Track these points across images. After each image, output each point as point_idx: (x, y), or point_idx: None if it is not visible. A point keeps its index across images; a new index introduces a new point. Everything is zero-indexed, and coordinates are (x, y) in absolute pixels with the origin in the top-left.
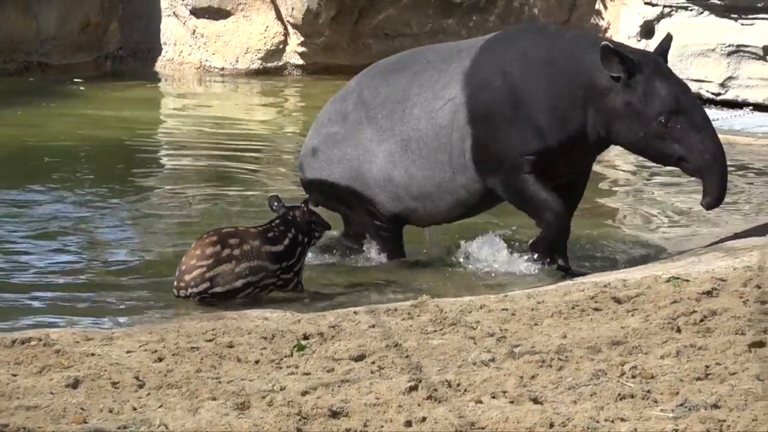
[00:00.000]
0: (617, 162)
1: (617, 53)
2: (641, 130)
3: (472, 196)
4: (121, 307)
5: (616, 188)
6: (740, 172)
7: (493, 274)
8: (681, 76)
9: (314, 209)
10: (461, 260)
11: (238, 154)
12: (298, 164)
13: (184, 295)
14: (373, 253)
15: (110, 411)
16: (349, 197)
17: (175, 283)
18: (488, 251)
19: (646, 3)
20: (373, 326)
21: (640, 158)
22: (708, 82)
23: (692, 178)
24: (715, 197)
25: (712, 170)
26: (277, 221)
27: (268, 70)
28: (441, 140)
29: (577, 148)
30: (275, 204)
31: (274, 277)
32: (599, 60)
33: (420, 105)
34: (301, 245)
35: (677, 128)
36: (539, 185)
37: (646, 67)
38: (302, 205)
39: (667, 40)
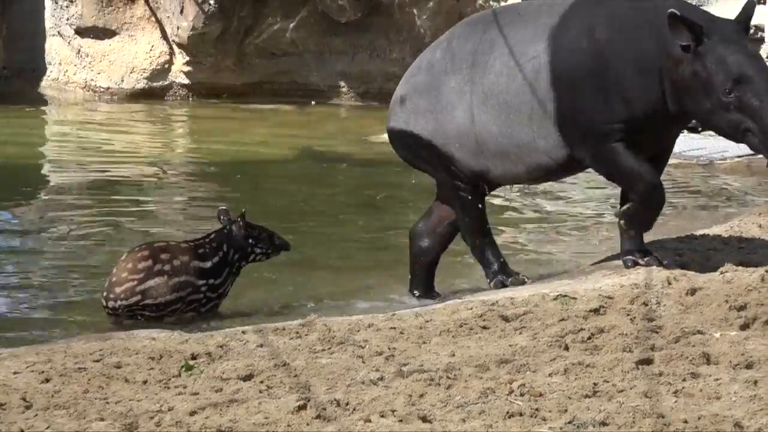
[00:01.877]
0: None
1: (685, 20)
2: (708, 101)
3: (553, 162)
4: (7, 327)
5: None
6: None
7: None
8: None
9: (260, 225)
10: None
11: (124, 174)
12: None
13: (113, 306)
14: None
15: None
16: (430, 152)
17: (105, 294)
18: None
19: None
20: (261, 346)
21: None
22: None
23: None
24: None
25: None
26: (212, 236)
27: (154, 90)
28: (522, 98)
29: (660, 120)
30: (222, 217)
31: (199, 293)
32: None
33: (503, 59)
34: (230, 265)
35: (741, 97)
36: (629, 154)
37: (714, 34)
38: (238, 218)
39: (750, 5)
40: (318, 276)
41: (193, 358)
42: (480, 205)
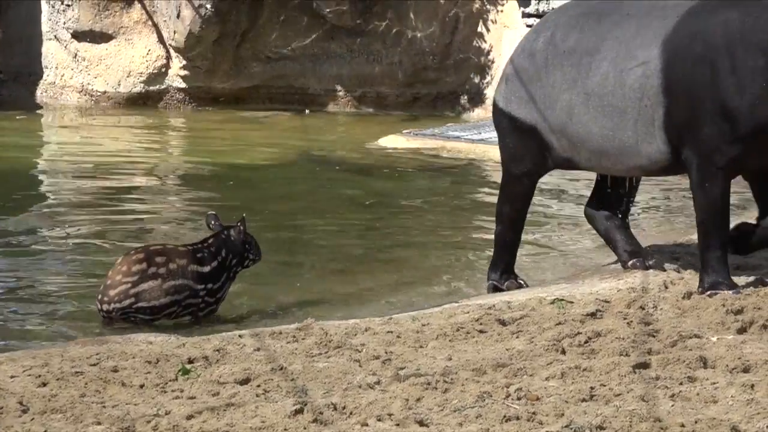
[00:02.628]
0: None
1: None
2: None
3: (654, 164)
4: (4, 331)
5: None
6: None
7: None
8: None
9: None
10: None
11: (120, 178)
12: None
13: (107, 309)
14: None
15: None
16: (527, 137)
17: (99, 297)
18: None
19: (528, 26)
20: (258, 349)
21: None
22: None
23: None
24: None
25: None
26: (210, 241)
27: (151, 94)
28: (627, 103)
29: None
30: (212, 222)
31: (198, 298)
32: None
33: (610, 60)
34: (228, 270)
35: None
36: (726, 195)
37: None
38: (238, 223)
39: None
40: (315, 281)
41: (190, 362)
42: (527, 204)
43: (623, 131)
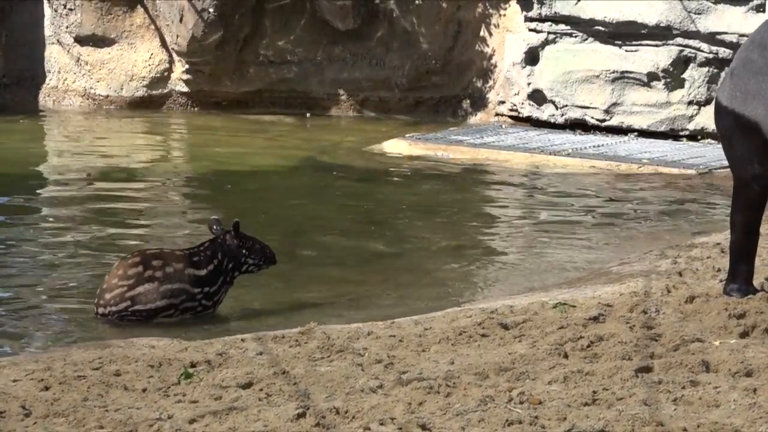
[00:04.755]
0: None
1: None
2: None
3: None
4: (6, 335)
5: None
6: (632, 198)
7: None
8: (566, 103)
9: (253, 237)
10: None
11: (121, 183)
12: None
13: (102, 313)
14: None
15: None
16: (753, 136)
17: (96, 301)
18: None
19: (530, 30)
20: (261, 353)
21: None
22: (593, 108)
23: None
24: None
25: None
26: (206, 245)
27: (153, 98)
28: None
29: None
30: (214, 227)
31: (194, 301)
32: None
33: None
34: (224, 273)
35: None
36: None
37: None
38: (230, 229)
39: None
40: (317, 285)
41: (193, 365)
42: (760, 211)
43: None
